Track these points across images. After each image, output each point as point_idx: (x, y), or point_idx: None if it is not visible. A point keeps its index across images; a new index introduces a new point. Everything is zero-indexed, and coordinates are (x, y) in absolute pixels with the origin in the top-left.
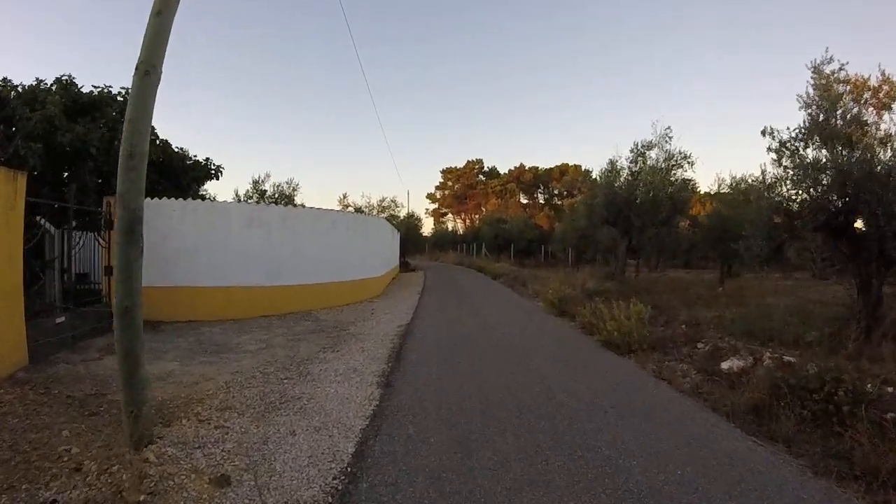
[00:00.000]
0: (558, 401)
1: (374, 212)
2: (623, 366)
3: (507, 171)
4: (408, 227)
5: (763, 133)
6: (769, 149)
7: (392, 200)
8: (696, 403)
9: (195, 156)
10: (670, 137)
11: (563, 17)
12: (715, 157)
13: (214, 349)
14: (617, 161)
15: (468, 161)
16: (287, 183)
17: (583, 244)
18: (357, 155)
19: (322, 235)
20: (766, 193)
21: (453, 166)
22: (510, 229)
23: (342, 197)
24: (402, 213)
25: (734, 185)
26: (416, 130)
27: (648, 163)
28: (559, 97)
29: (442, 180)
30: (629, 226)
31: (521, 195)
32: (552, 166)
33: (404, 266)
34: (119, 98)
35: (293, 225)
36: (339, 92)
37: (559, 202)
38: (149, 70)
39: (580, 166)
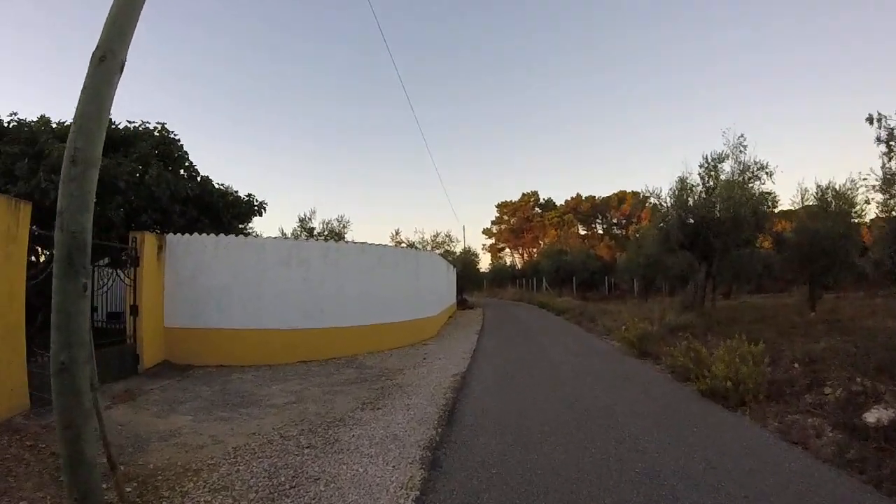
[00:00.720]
0: (670, 488)
1: (429, 248)
2: (737, 424)
3: (563, 203)
4: (464, 262)
5: (870, 121)
6: (878, 139)
7: (447, 235)
8: (851, 479)
9: (237, 191)
10: (744, 146)
11: (611, 43)
12: (790, 168)
13: (238, 401)
14: (687, 178)
15: (523, 194)
16: (337, 220)
17: (651, 273)
18: (410, 193)
19: (367, 272)
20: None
21: (508, 200)
22: (571, 261)
23: (394, 233)
24: (458, 249)
25: (820, 194)
26: (469, 165)
27: (722, 176)
28: (614, 123)
29: (497, 215)
30: (708, 249)
31: (580, 226)
32: (609, 194)
33: (462, 303)
34: (156, 133)
35: (335, 261)
36: (389, 129)
37: (619, 231)
38: (105, 55)
39: (639, 193)
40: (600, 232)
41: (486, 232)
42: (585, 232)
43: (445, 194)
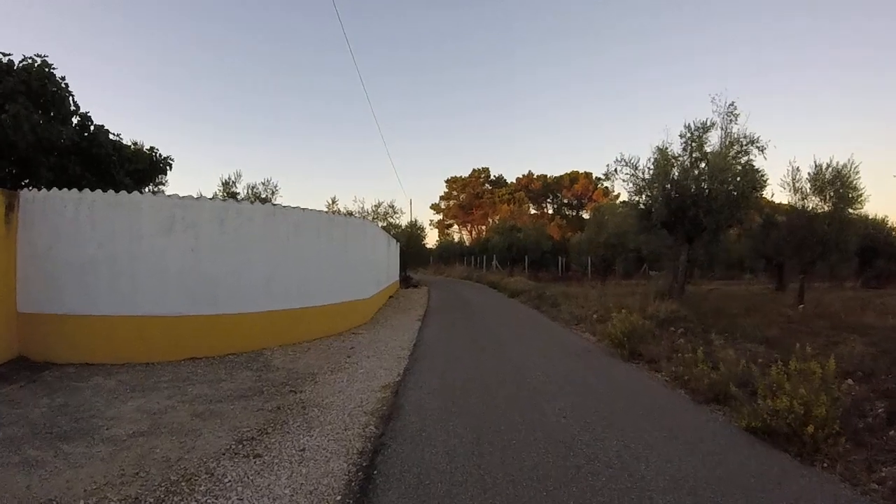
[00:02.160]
0: None
1: (370, 219)
2: (827, 493)
3: (514, 180)
4: (409, 237)
5: None
6: None
7: (390, 206)
8: None
9: (136, 143)
10: (735, 115)
11: (566, 18)
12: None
13: (68, 430)
14: (667, 148)
15: (474, 169)
16: (263, 183)
17: (611, 255)
18: (353, 163)
19: (279, 243)
20: None
21: (458, 175)
22: (524, 239)
23: (330, 201)
24: (403, 222)
25: (816, 173)
26: (418, 139)
27: (707, 148)
28: (566, 101)
29: (446, 190)
30: (695, 228)
31: (530, 205)
32: (562, 174)
33: (405, 282)
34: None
35: (235, 227)
36: (333, 96)
37: (571, 212)
38: None
39: (591, 174)
40: (550, 212)
41: (435, 207)
42: (536, 211)
43: (391, 163)
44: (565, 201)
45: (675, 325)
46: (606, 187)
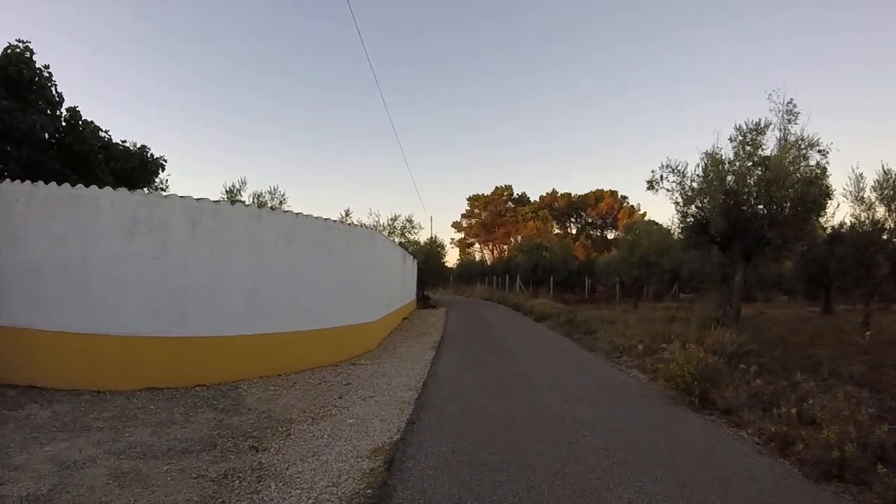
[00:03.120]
0: None
1: (384, 232)
2: None
3: (538, 198)
4: (428, 254)
5: None
6: None
7: (408, 220)
8: None
9: (124, 142)
10: (795, 115)
11: (592, 31)
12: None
13: None
14: (718, 153)
15: (496, 187)
16: (270, 192)
17: (645, 275)
18: (371, 177)
19: (266, 253)
20: None
21: (481, 193)
22: (551, 258)
23: (343, 214)
24: (423, 239)
25: (884, 180)
26: (440, 155)
27: (764, 152)
28: (591, 119)
29: (468, 208)
30: (757, 242)
31: (554, 224)
32: (586, 192)
33: (423, 301)
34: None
35: (211, 232)
36: (351, 107)
37: (595, 231)
38: None
39: (616, 192)
40: (574, 231)
41: (456, 226)
42: (559, 231)
43: (410, 177)
44: (589, 220)
45: (744, 360)
46: (633, 206)
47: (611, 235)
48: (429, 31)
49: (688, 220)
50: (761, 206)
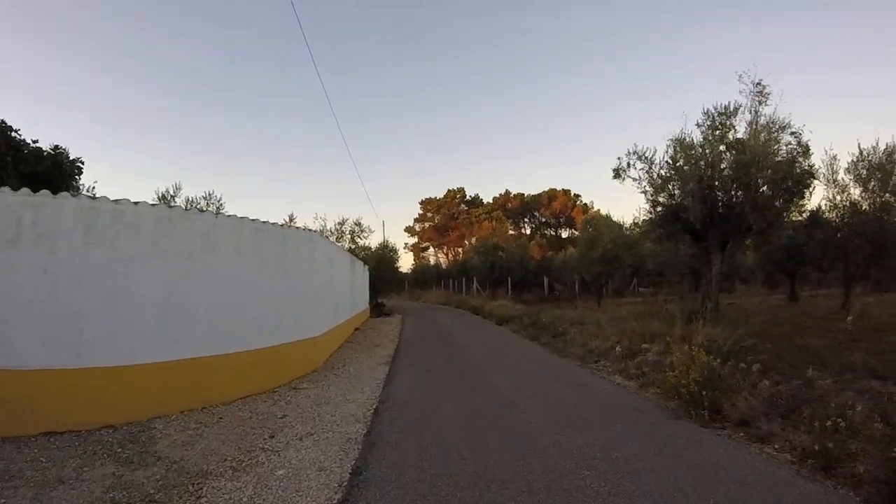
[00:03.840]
0: None
1: (332, 238)
2: None
3: (491, 200)
4: (380, 259)
5: None
6: None
7: (357, 224)
8: None
9: (36, 141)
10: (766, 95)
11: (541, 29)
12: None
13: None
14: (688, 138)
15: (449, 190)
16: (205, 197)
17: (607, 271)
18: (319, 185)
19: (181, 262)
20: None
21: (433, 196)
22: (508, 258)
23: (287, 220)
24: (374, 244)
25: (859, 160)
26: (391, 161)
27: (734, 135)
28: (543, 118)
29: (421, 212)
30: (736, 229)
31: (508, 224)
32: (539, 192)
33: (377, 309)
34: None
35: (111, 239)
36: (296, 114)
37: (549, 230)
38: None
39: (569, 191)
40: (528, 231)
41: (409, 230)
42: (513, 231)
43: (360, 182)
44: (543, 220)
45: (741, 357)
46: (586, 204)
47: (565, 234)
48: (374, 33)
49: (657, 209)
50: (740, 191)
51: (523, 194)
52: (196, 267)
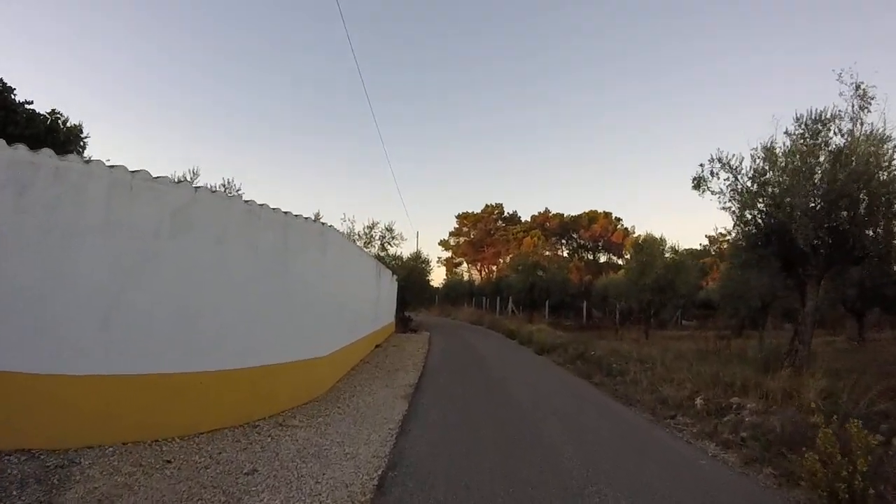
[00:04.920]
0: None
1: (361, 244)
2: None
3: (529, 218)
4: (411, 270)
5: None
6: None
7: (388, 229)
8: None
9: (30, 102)
10: (870, 100)
11: (587, 43)
12: None
13: None
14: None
15: (486, 205)
16: (224, 185)
17: (659, 300)
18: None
19: (140, 243)
20: None
21: (470, 211)
22: (548, 279)
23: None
24: (406, 253)
25: None
26: (428, 172)
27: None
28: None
29: (457, 226)
30: (845, 254)
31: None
32: (579, 213)
33: (402, 324)
34: None
35: (49, 205)
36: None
37: (585, 254)
38: None
39: (610, 214)
40: (565, 254)
41: (444, 244)
42: (548, 252)
43: (396, 188)
44: (581, 242)
45: (873, 424)
46: (627, 228)
47: (602, 258)
48: (419, 37)
49: (747, 228)
50: (844, 211)
51: (562, 214)
52: (162, 252)
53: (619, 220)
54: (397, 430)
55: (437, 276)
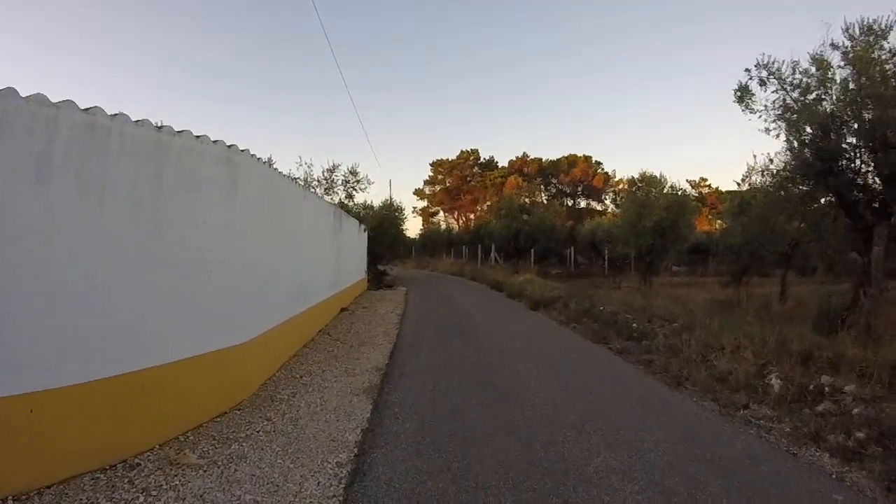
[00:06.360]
0: None
1: (320, 191)
2: None
3: (507, 163)
4: (382, 220)
5: None
6: None
7: (351, 172)
8: None
9: None
10: None
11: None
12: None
13: None
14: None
15: (462, 151)
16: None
17: (659, 245)
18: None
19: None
20: None
21: (445, 158)
22: (535, 224)
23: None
24: (376, 201)
25: None
26: (400, 118)
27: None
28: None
29: (431, 174)
30: None
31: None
32: (558, 157)
33: (377, 279)
34: None
35: None
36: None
37: (567, 199)
38: None
39: (590, 157)
40: (544, 199)
41: (419, 193)
42: (529, 200)
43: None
44: (560, 187)
45: None
46: (608, 173)
47: (582, 204)
48: None
49: (805, 151)
50: None
51: (541, 159)
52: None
53: (599, 163)
54: (350, 463)
55: (414, 227)
